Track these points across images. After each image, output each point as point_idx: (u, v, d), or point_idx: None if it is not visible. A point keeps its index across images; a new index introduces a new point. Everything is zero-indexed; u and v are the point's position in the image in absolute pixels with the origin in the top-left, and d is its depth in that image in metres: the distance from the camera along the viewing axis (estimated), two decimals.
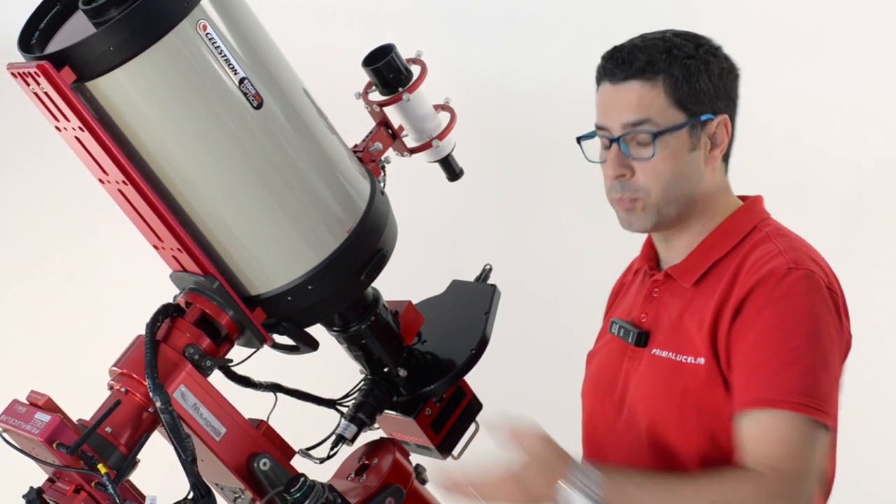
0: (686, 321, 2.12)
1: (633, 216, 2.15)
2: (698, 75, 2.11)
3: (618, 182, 2.14)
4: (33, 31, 2.09)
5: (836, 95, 3.63)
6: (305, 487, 2.06)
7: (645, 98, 2.10)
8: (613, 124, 2.13)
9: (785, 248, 2.08)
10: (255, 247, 2.11)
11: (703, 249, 2.16)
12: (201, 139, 2.03)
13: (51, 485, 2.03)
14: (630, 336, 2.19)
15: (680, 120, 2.11)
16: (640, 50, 2.11)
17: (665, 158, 2.11)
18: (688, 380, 2.08)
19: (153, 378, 1.99)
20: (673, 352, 2.12)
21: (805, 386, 1.97)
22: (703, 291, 2.12)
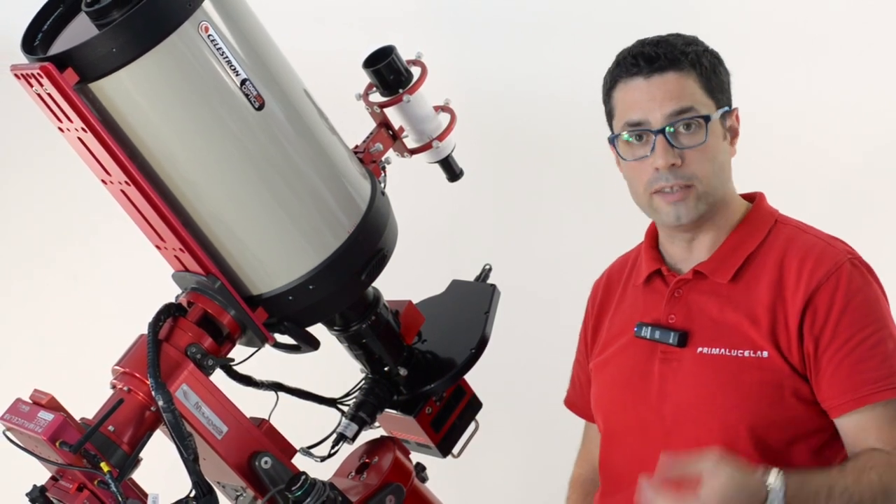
0: (730, 316, 2.13)
1: (682, 207, 2.15)
2: (718, 67, 2.17)
3: (667, 172, 2.13)
4: (36, 33, 2.09)
5: (836, 95, 3.63)
6: (307, 486, 2.07)
7: (685, 87, 2.13)
8: (654, 117, 2.13)
9: (827, 238, 2.15)
10: (256, 247, 2.11)
11: (732, 245, 2.17)
12: (203, 140, 2.04)
13: (54, 483, 2.04)
14: (670, 337, 2.17)
15: (713, 109, 2.14)
16: (666, 44, 2.14)
17: (712, 143, 2.14)
18: (754, 373, 2.10)
19: (155, 377, 1.99)
20: (725, 348, 2.13)
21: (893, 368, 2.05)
22: (742, 286, 2.14)
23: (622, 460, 2.25)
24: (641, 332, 2.23)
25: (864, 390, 2.06)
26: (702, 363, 2.14)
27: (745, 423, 2.09)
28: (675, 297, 2.20)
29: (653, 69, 2.13)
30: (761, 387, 2.09)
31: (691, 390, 2.14)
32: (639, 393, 2.20)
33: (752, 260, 2.15)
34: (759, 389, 2.09)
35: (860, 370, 2.06)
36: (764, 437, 2.09)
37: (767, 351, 2.09)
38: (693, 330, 2.16)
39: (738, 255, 2.16)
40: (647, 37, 2.19)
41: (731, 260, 2.16)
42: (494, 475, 3.74)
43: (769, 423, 2.09)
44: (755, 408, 2.09)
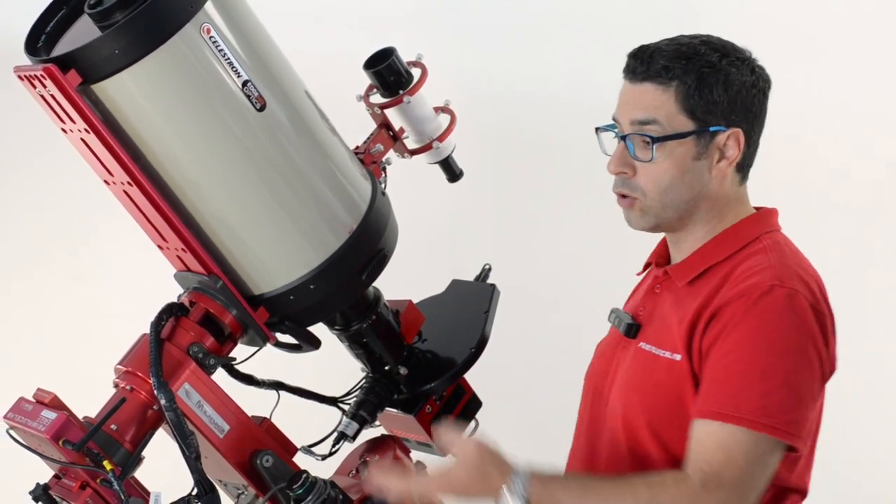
0: (671, 317, 2.13)
1: (631, 215, 2.17)
2: (713, 86, 2.09)
3: (619, 179, 2.16)
4: (39, 35, 2.10)
5: (837, 96, 3.64)
6: (308, 484, 2.08)
7: (656, 101, 2.10)
8: (624, 120, 2.14)
9: (775, 262, 2.07)
10: (257, 247, 2.12)
11: (702, 253, 2.16)
12: (205, 141, 2.05)
13: (57, 481, 2.05)
14: (622, 326, 2.21)
15: (687, 128, 2.10)
16: (662, 53, 2.11)
17: (665, 164, 2.11)
18: (662, 373, 2.10)
19: (158, 376, 2.01)
20: (656, 346, 2.14)
21: (764, 406, 1.97)
22: (692, 292, 2.13)
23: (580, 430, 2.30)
24: (610, 316, 2.27)
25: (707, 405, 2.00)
26: (636, 357, 2.16)
27: (644, 421, 2.10)
28: (654, 291, 2.22)
29: (635, 77, 2.12)
30: (665, 389, 2.09)
31: (623, 381, 2.17)
32: (601, 372, 2.25)
33: (713, 269, 2.13)
34: (662, 391, 2.09)
35: (717, 388, 2.00)
36: (665, 440, 2.09)
37: (681, 355, 2.08)
38: (646, 325, 2.19)
39: (704, 262, 2.14)
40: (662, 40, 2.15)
41: (696, 266, 2.15)
42: None
43: (668, 425, 2.07)
44: (654, 407, 2.09)
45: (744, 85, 2.12)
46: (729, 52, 2.13)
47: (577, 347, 2.47)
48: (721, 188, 2.15)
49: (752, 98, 2.14)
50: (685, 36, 2.16)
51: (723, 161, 2.13)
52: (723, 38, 2.17)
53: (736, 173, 2.16)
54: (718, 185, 2.14)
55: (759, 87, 2.15)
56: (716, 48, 2.13)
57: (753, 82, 2.14)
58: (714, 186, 2.14)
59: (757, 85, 2.14)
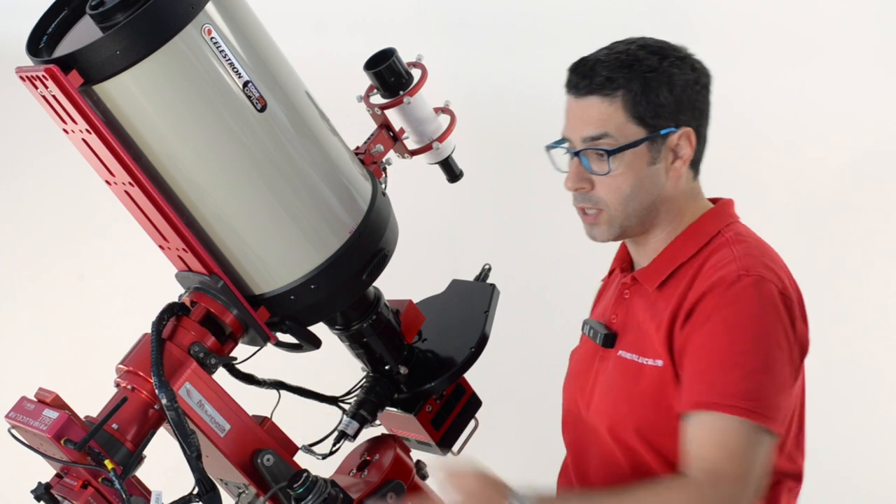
0: (647, 323, 2.13)
1: (595, 229, 2.17)
2: (658, 90, 2.09)
3: (577, 194, 2.16)
4: (41, 36, 2.11)
5: (828, 99, 3.65)
6: (308, 483, 2.08)
7: (603, 113, 2.09)
8: (575, 138, 2.13)
9: (739, 254, 2.08)
10: (258, 247, 2.13)
11: (667, 254, 2.16)
12: (206, 141, 2.06)
13: (58, 480, 2.05)
14: (598, 337, 2.20)
15: (639, 135, 2.10)
16: (602, 65, 2.10)
17: (623, 174, 2.10)
18: (647, 381, 2.10)
19: (159, 375, 2.01)
20: (637, 353, 2.13)
21: (746, 390, 1.98)
22: (664, 295, 2.13)
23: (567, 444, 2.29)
24: (584, 328, 2.27)
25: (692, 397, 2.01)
26: (617, 366, 2.16)
27: (633, 429, 2.10)
28: (623, 298, 2.22)
29: (579, 92, 2.11)
30: (652, 396, 2.09)
31: (605, 391, 2.17)
32: (580, 385, 2.24)
33: (680, 270, 2.14)
34: (649, 398, 2.09)
35: (698, 378, 2.02)
36: (657, 446, 2.10)
37: (662, 360, 2.09)
38: (622, 333, 2.19)
39: (671, 264, 2.15)
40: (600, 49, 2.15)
41: (663, 268, 2.15)
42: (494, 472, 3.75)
43: (660, 432, 2.08)
44: (643, 416, 2.09)
45: (687, 83, 2.12)
46: (668, 53, 2.13)
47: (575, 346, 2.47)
48: (677, 187, 2.15)
49: (696, 95, 2.14)
50: (620, 43, 2.15)
51: (677, 161, 2.13)
52: (658, 39, 2.17)
53: (689, 170, 2.17)
54: (674, 185, 2.14)
55: (701, 83, 2.15)
56: (654, 51, 2.12)
57: (696, 79, 2.14)
58: (670, 187, 2.14)
59: (699, 81, 2.15)
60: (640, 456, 2.11)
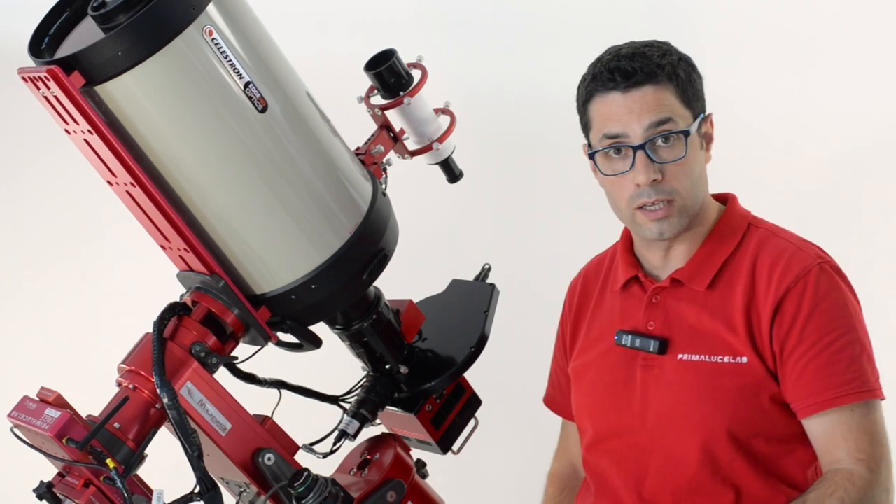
0: (708, 323, 2.12)
1: (665, 224, 2.13)
2: (692, 74, 2.15)
3: (649, 188, 2.12)
4: (43, 37, 2.11)
5: (827, 98, 3.65)
6: (309, 481, 2.09)
7: (663, 99, 2.11)
8: (634, 130, 2.11)
9: (798, 242, 2.14)
10: (259, 247, 2.13)
11: (707, 252, 2.16)
12: (207, 142, 2.06)
13: (60, 479, 2.05)
14: (650, 345, 2.17)
15: (690, 119, 2.13)
16: (642, 56, 2.11)
17: (690, 157, 2.12)
18: (734, 378, 2.10)
19: (160, 375, 2.01)
20: (705, 354, 2.12)
21: (863, 373, 2.06)
22: (717, 292, 2.13)
23: (609, 464, 2.25)
24: (622, 340, 2.22)
25: (826, 395, 2.06)
26: (682, 370, 2.14)
27: (724, 429, 2.10)
28: (653, 303, 2.20)
29: (630, 84, 2.10)
30: (740, 392, 2.10)
31: (673, 397, 2.14)
32: (621, 399, 2.21)
33: (727, 266, 2.15)
34: (738, 394, 2.10)
35: (824, 375, 2.06)
36: (746, 443, 2.10)
37: (746, 356, 2.09)
38: (672, 337, 2.16)
39: (714, 261, 2.15)
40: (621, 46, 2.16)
41: (707, 267, 2.15)
42: (493, 471, 3.75)
43: (750, 429, 2.10)
44: (734, 413, 2.10)
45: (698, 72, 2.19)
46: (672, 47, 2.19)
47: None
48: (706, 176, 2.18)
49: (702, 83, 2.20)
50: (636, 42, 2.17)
51: (710, 145, 2.18)
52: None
53: None
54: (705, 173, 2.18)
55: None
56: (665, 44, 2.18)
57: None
58: (706, 175, 2.18)
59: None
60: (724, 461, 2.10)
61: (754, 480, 2.10)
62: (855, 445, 2.04)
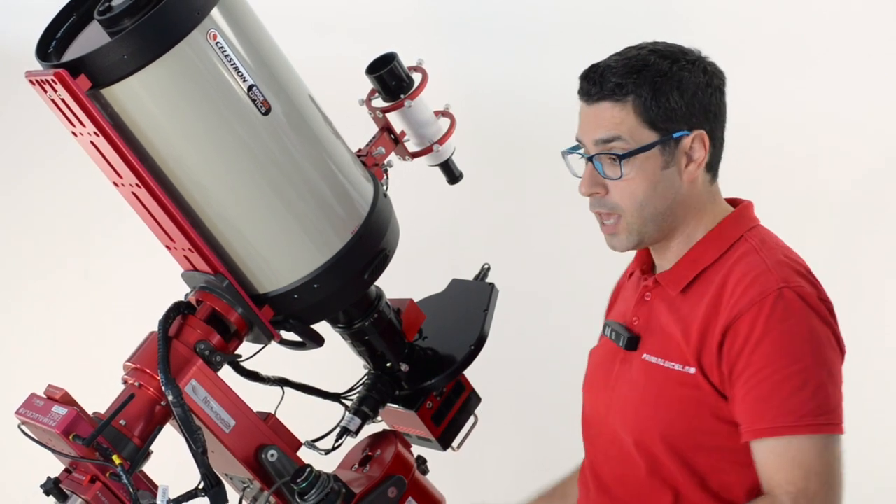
0: (673, 327, 2.13)
1: (615, 239, 2.16)
2: (668, 94, 2.09)
3: (592, 199, 2.16)
4: (50, 41, 2.13)
5: (829, 104, 3.66)
6: (311, 477, 2.10)
7: (615, 118, 2.10)
8: (587, 141, 2.14)
9: (772, 263, 2.07)
10: (263, 247, 2.15)
11: (691, 258, 2.16)
12: (211, 144, 2.08)
13: (67, 475, 2.07)
14: (621, 340, 2.20)
15: (651, 139, 2.10)
16: (612, 71, 2.10)
17: (636, 178, 2.10)
18: (676, 386, 2.10)
19: (165, 373, 2.03)
20: (662, 357, 2.13)
21: (817, 406, 1.99)
22: (689, 299, 2.13)
23: (586, 444, 2.30)
24: (605, 330, 2.27)
25: (761, 424, 2.02)
26: (642, 369, 2.15)
27: (657, 433, 2.10)
28: (644, 300, 2.21)
29: (593, 97, 2.12)
30: (680, 401, 2.09)
31: (628, 393, 2.17)
32: (600, 387, 2.24)
33: (704, 274, 2.13)
34: (678, 403, 2.09)
35: (763, 404, 2.01)
36: (682, 452, 2.10)
37: (693, 368, 2.08)
38: (645, 336, 2.18)
39: (694, 268, 2.14)
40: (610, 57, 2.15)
41: (686, 272, 2.15)
42: (493, 468, 3.76)
43: (688, 439, 2.07)
44: (669, 420, 2.09)
45: (699, 86, 2.12)
46: (679, 57, 2.13)
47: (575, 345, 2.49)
48: (693, 191, 2.14)
49: (708, 98, 2.13)
50: (632, 48, 2.15)
51: (691, 164, 2.12)
52: (670, 43, 2.16)
53: (706, 173, 2.16)
54: (690, 189, 2.14)
55: (713, 85, 2.14)
56: (665, 55, 2.12)
57: (707, 82, 2.13)
58: (686, 190, 2.14)
59: (711, 84, 2.14)
60: (661, 463, 2.11)
61: (693, 490, 2.10)
62: (785, 477, 1.99)
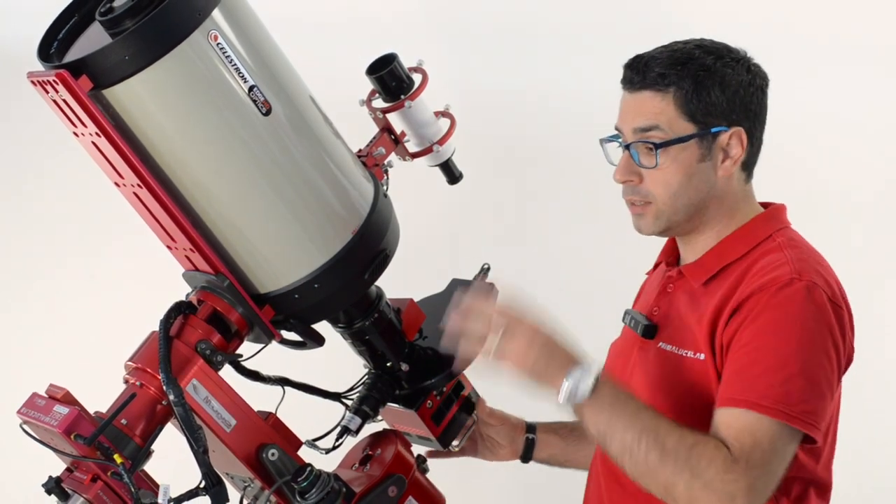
0: (690, 317, 2.15)
1: (642, 221, 2.18)
2: (710, 88, 2.11)
3: (626, 187, 2.18)
4: (52, 41, 2.13)
5: (828, 103, 3.67)
6: (312, 476, 2.11)
7: (655, 107, 2.12)
8: (626, 130, 2.16)
9: (793, 258, 2.08)
10: (264, 247, 2.15)
11: (717, 252, 2.18)
12: (212, 145, 2.08)
13: (69, 474, 2.08)
14: (638, 327, 2.22)
15: (688, 131, 2.12)
16: (656, 61, 2.13)
17: (671, 168, 2.13)
18: (688, 374, 2.12)
19: (166, 372, 2.03)
20: (676, 346, 2.15)
21: (784, 393, 1.98)
22: (709, 291, 2.14)
23: None
24: (625, 318, 2.29)
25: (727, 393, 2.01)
26: (657, 357, 2.18)
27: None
28: (666, 291, 2.24)
29: (633, 87, 2.14)
30: (689, 387, 2.10)
31: (643, 380, 2.19)
32: (618, 374, 2.25)
33: (728, 268, 2.15)
34: (687, 389, 2.10)
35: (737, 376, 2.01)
36: None
37: (704, 354, 2.09)
38: (663, 325, 2.20)
39: (719, 262, 2.16)
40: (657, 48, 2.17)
41: (710, 265, 2.17)
42: (492, 467, 3.77)
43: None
44: (681, 408, 2.10)
45: (741, 84, 2.14)
46: (723, 54, 2.15)
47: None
48: (728, 187, 2.17)
49: (750, 96, 2.15)
50: (679, 42, 2.18)
51: (727, 161, 2.15)
52: (716, 41, 2.19)
53: (741, 172, 2.18)
54: (725, 185, 2.16)
55: (756, 84, 2.16)
56: (710, 51, 2.15)
57: (750, 81, 2.15)
58: (721, 186, 2.16)
59: (754, 83, 2.16)
60: None
61: None
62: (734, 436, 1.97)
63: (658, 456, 1.96)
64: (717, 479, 1.94)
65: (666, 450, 1.96)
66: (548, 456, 2.56)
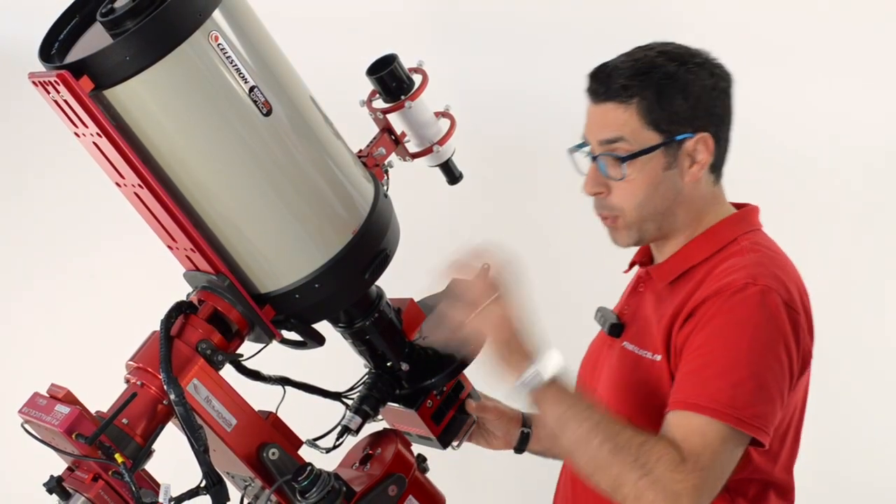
0: (652, 317, 2.16)
1: (616, 234, 2.19)
2: (673, 96, 2.11)
3: (597, 200, 2.18)
4: (53, 42, 2.14)
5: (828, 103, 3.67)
6: (312, 476, 2.11)
7: (619, 119, 2.11)
8: (592, 141, 2.16)
9: (751, 262, 2.09)
10: (264, 247, 2.16)
11: (682, 254, 2.18)
12: (213, 145, 2.08)
13: (70, 473, 2.08)
14: (606, 326, 2.24)
15: (654, 141, 2.11)
16: (619, 72, 2.12)
17: (637, 179, 2.13)
18: (646, 374, 2.13)
19: (167, 372, 2.04)
20: (638, 346, 2.17)
21: (731, 397, 1.99)
22: (673, 292, 2.15)
23: None
24: (596, 315, 2.30)
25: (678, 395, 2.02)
26: (620, 356, 2.19)
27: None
28: (637, 290, 2.26)
29: (599, 97, 2.14)
30: (646, 389, 2.12)
31: (606, 379, 2.21)
32: (589, 371, 2.29)
33: (693, 271, 2.15)
34: (644, 391, 2.12)
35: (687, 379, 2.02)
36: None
37: (660, 355, 2.11)
38: (630, 325, 2.22)
39: (683, 264, 2.17)
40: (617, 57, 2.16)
41: (676, 267, 2.17)
42: (492, 466, 3.76)
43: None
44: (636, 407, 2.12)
45: (704, 89, 2.13)
46: (686, 59, 2.14)
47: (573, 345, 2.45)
48: (696, 192, 2.16)
49: (714, 100, 2.14)
50: (640, 49, 2.17)
51: (694, 166, 2.14)
52: (679, 44, 2.17)
53: (709, 174, 2.18)
54: (692, 190, 2.16)
55: (719, 87, 2.16)
56: (672, 57, 2.13)
57: (713, 84, 2.14)
58: (688, 192, 2.16)
59: (717, 86, 2.15)
60: None
61: None
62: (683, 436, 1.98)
63: (610, 450, 1.97)
64: (665, 477, 1.95)
65: (618, 445, 1.97)
66: (542, 449, 2.57)
